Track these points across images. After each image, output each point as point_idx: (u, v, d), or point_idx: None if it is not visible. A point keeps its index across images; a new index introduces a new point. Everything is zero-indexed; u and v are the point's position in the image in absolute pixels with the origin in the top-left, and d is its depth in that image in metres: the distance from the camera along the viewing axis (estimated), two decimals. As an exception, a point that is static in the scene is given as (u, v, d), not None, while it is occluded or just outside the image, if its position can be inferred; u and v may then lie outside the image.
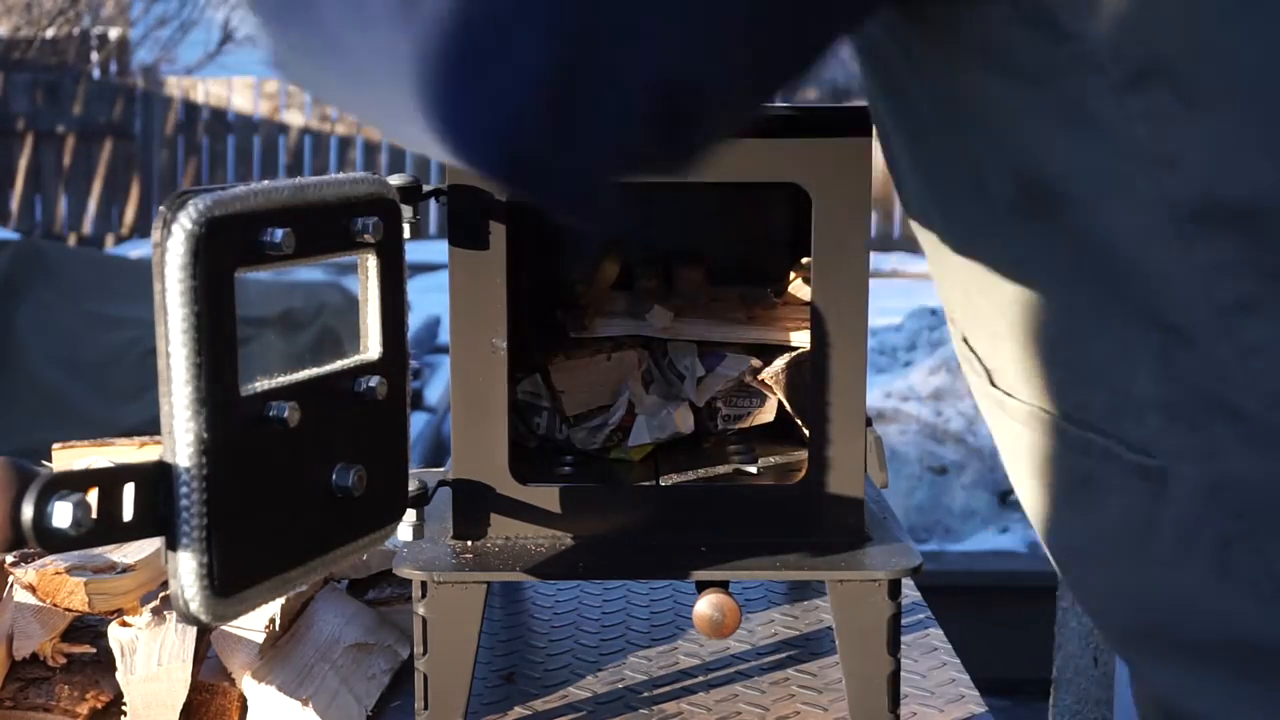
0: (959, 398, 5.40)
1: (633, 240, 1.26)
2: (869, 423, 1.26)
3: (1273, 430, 0.70)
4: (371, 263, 1.06)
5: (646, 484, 1.26)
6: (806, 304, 1.24)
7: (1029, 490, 0.84)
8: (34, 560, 1.26)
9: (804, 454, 1.23)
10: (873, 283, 1.18)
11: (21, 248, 5.64)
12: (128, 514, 0.86)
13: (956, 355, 0.86)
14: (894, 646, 1.17)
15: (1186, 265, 0.69)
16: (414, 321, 6.23)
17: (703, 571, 1.16)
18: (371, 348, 1.07)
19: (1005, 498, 5.06)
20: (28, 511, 0.80)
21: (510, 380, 1.19)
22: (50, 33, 12.56)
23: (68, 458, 1.63)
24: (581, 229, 0.84)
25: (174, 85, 11.90)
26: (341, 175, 1.02)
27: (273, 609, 1.21)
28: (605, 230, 0.76)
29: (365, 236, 1.03)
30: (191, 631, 1.18)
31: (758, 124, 1.19)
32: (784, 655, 1.37)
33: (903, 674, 1.21)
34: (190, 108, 11.79)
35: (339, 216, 1.01)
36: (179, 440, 0.88)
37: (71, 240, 11.18)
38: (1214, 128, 0.67)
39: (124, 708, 1.17)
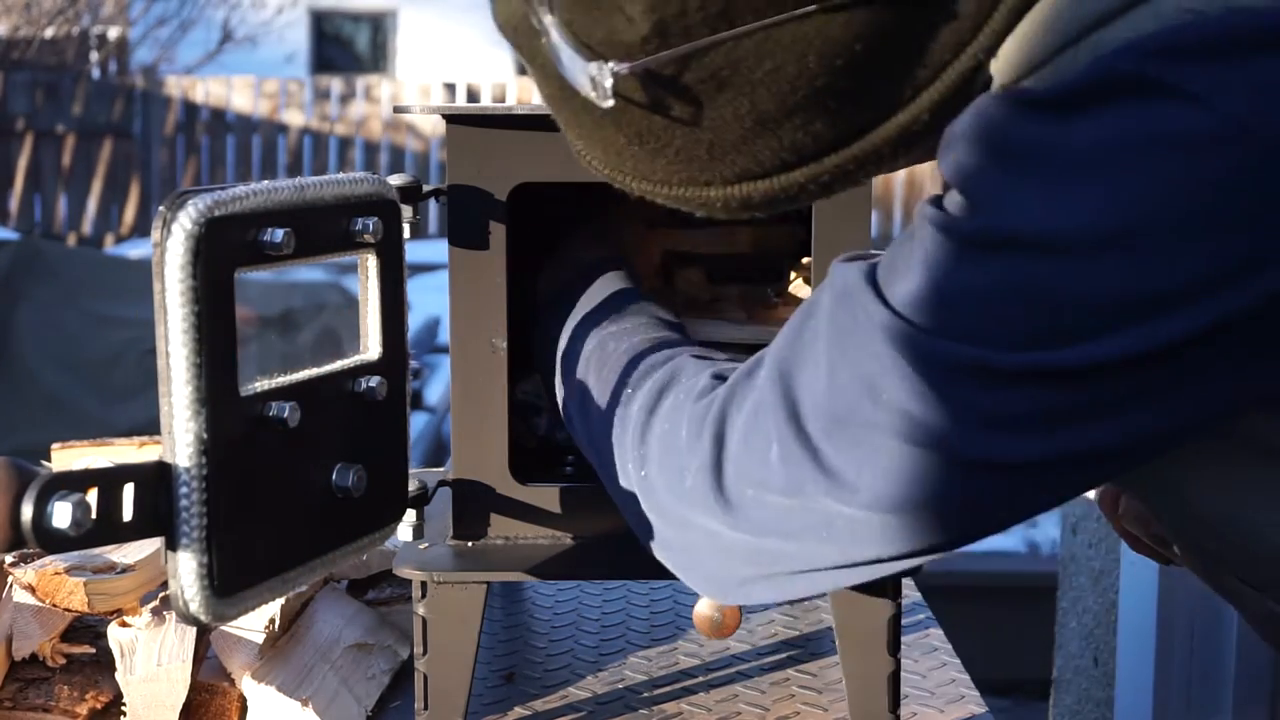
0: (959, 398, 5.39)
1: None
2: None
3: None
4: (371, 263, 1.06)
5: (646, 484, 1.26)
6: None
7: None
8: (34, 560, 1.26)
9: (804, 454, 1.22)
10: (873, 283, 1.18)
11: (21, 248, 5.64)
12: (128, 514, 0.86)
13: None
14: (894, 646, 1.17)
15: None
16: (414, 321, 6.23)
17: (703, 571, 1.16)
18: (371, 348, 1.07)
19: (1005, 498, 5.06)
20: (28, 511, 0.80)
21: (510, 380, 1.19)
22: (50, 33, 12.56)
23: (68, 458, 1.63)
24: None
25: (174, 85, 11.91)
26: (341, 175, 1.02)
27: (273, 609, 1.21)
28: None
29: (365, 236, 1.03)
30: (191, 631, 1.18)
31: None
32: (784, 655, 1.37)
33: (903, 674, 1.20)
34: (190, 108, 11.79)
35: (339, 216, 1.01)
36: (179, 440, 0.88)
37: (71, 240, 11.18)
38: None
39: (124, 708, 1.17)
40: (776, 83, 0.80)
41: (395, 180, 1.11)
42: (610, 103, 0.81)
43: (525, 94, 11.99)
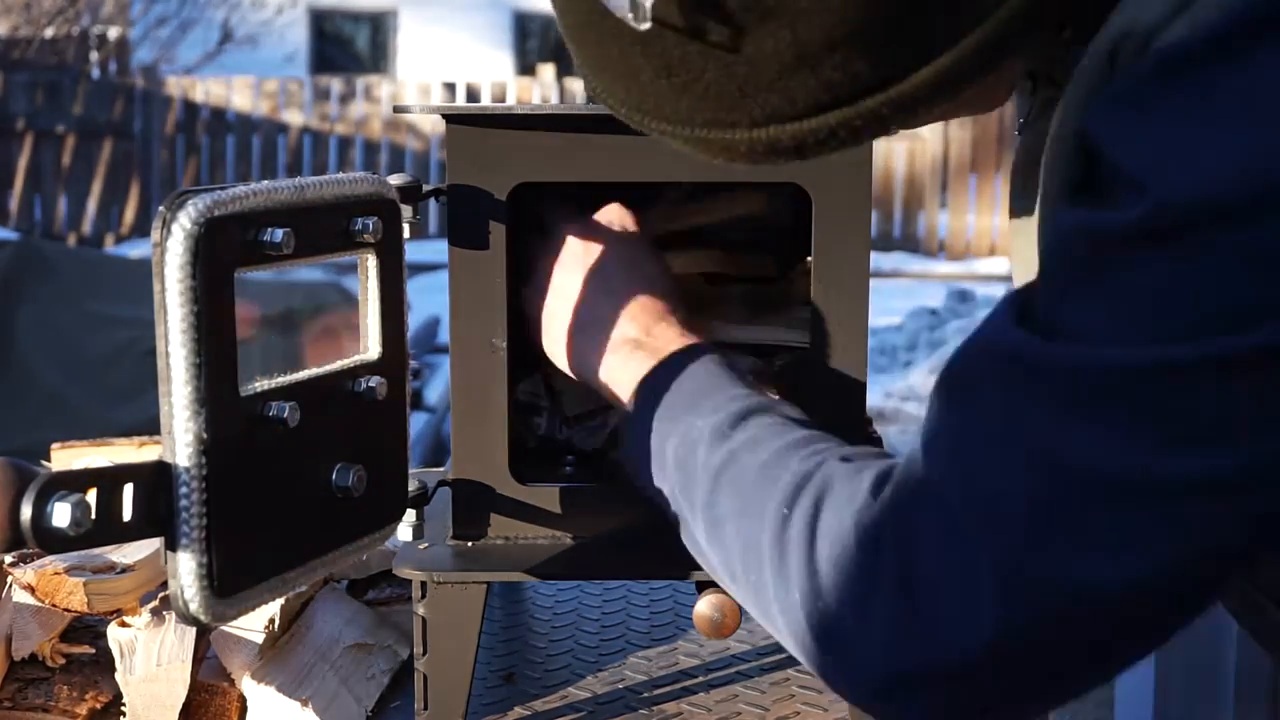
0: (959, 398, 5.39)
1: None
2: (869, 423, 1.26)
3: None
4: (371, 263, 1.06)
5: (646, 484, 1.26)
6: (807, 304, 1.23)
7: None
8: (33, 560, 1.26)
9: (804, 454, 1.22)
10: (873, 283, 1.18)
11: (21, 248, 5.64)
12: (127, 514, 0.86)
13: None
14: (894, 647, 1.16)
15: None
16: (414, 321, 6.23)
17: (703, 572, 1.16)
18: (371, 348, 1.07)
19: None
20: (27, 511, 0.80)
21: (510, 380, 1.19)
22: (50, 32, 12.56)
23: (67, 458, 1.63)
24: None
25: (174, 85, 11.91)
26: (341, 175, 1.02)
27: (273, 609, 1.21)
28: None
29: (365, 236, 1.03)
30: (191, 632, 1.18)
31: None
32: (784, 655, 1.37)
33: (903, 674, 1.20)
34: (190, 107, 11.80)
35: (339, 216, 1.01)
36: (179, 440, 0.88)
37: (71, 240, 11.19)
38: None
39: (123, 708, 1.17)
40: (823, 13, 0.76)
41: (395, 180, 1.11)
42: (648, 24, 0.77)
43: (525, 94, 11.99)
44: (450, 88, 11.91)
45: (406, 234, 1.10)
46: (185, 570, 0.89)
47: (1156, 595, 0.77)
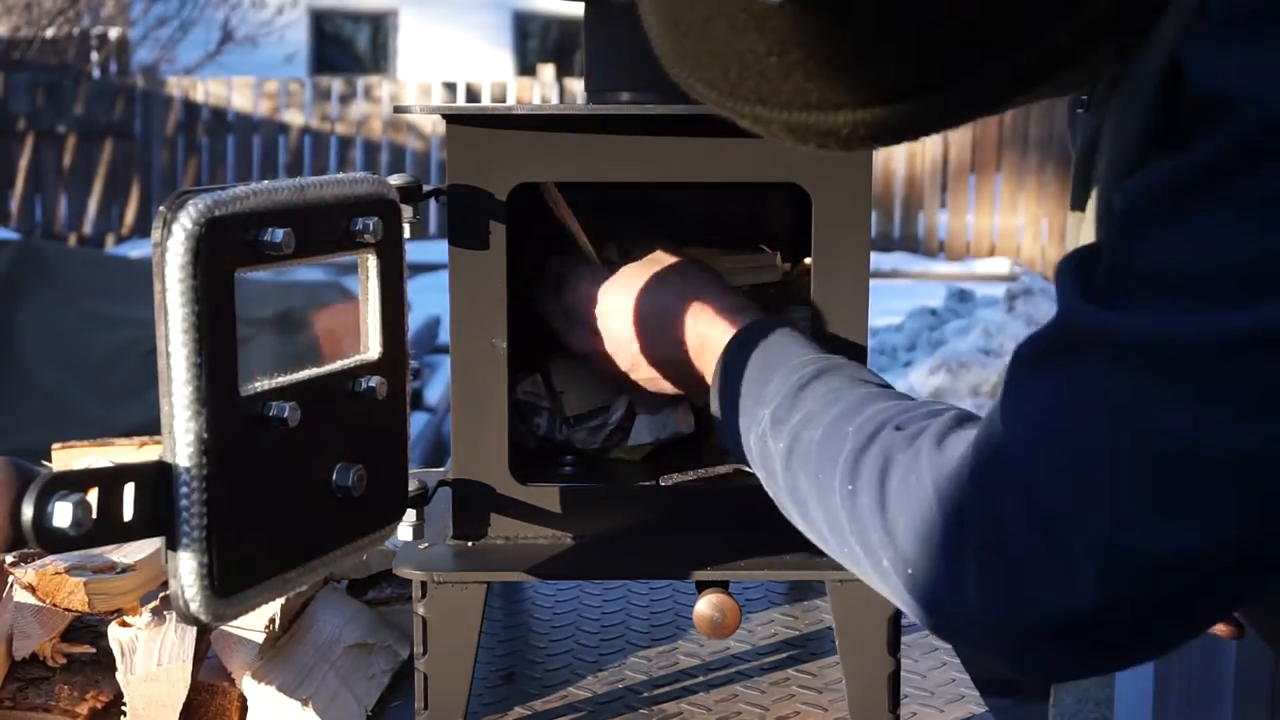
0: (959, 398, 5.40)
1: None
2: (869, 423, 1.26)
3: None
4: (371, 263, 1.06)
5: (646, 484, 1.26)
6: (807, 304, 1.23)
7: None
8: (34, 560, 1.26)
9: (804, 454, 1.22)
10: (873, 283, 1.18)
11: (21, 248, 5.64)
12: (128, 514, 0.86)
13: None
14: (894, 646, 1.17)
15: None
16: (414, 321, 6.23)
17: (703, 571, 1.16)
18: (371, 348, 1.07)
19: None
20: (28, 511, 0.80)
21: (510, 380, 1.19)
22: (50, 33, 12.56)
23: (68, 458, 1.63)
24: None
25: (174, 85, 11.91)
26: (341, 175, 1.02)
27: (273, 609, 1.21)
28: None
29: (365, 236, 1.03)
30: (191, 631, 1.18)
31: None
32: (784, 655, 1.37)
33: (903, 674, 1.21)
34: (190, 108, 11.79)
35: (339, 216, 1.01)
36: (179, 440, 0.88)
37: (71, 240, 11.18)
38: None
39: (124, 708, 1.17)
40: None
41: (395, 180, 1.11)
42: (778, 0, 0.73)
43: (525, 94, 11.99)
44: (450, 88, 11.91)
45: (406, 234, 1.10)
46: (186, 570, 0.89)
47: (1242, 559, 0.75)
